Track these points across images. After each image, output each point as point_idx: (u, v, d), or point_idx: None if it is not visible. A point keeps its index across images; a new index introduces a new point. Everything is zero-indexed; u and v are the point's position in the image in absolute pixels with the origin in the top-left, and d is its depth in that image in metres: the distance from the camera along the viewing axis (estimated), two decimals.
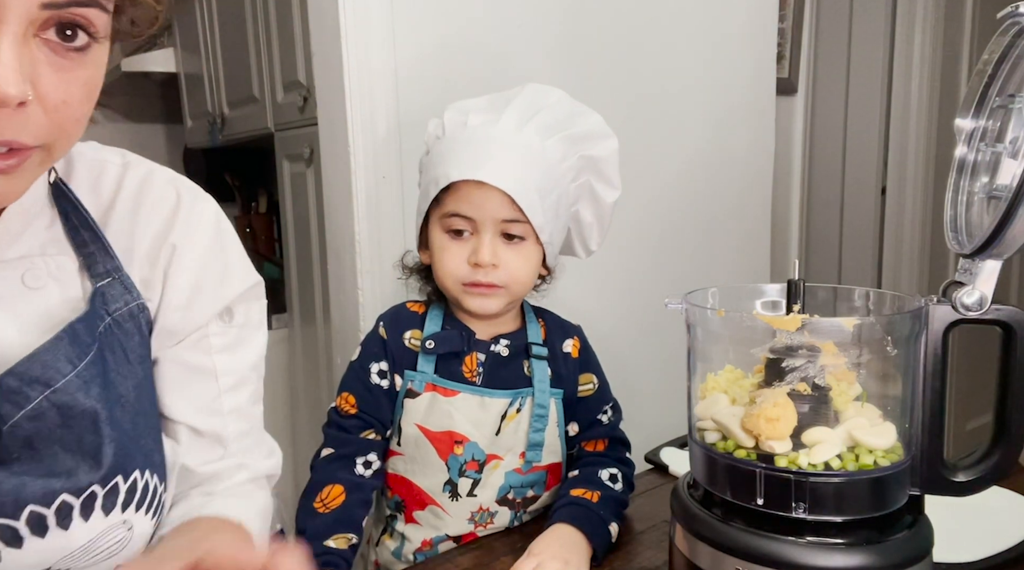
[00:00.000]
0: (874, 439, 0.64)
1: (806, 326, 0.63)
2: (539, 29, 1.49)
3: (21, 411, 0.57)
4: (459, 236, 0.93)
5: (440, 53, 1.37)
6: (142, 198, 0.68)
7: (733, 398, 0.70)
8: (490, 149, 0.93)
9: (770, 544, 0.63)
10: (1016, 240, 0.61)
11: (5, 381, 0.56)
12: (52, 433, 0.58)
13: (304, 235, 1.86)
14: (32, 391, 0.57)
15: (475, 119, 0.95)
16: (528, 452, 0.98)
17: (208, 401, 0.71)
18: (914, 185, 2.66)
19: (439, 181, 0.92)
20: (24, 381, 0.57)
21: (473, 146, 0.93)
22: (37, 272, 0.61)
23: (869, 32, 2.63)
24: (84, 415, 0.60)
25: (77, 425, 0.59)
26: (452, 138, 0.96)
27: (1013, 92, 0.64)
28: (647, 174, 1.68)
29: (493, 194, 0.90)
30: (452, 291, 0.95)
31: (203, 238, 0.70)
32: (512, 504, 0.99)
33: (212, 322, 0.71)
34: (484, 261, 0.92)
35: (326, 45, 1.32)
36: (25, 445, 0.57)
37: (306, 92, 1.73)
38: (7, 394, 0.56)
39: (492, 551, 0.94)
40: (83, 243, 0.64)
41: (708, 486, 0.69)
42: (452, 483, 0.96)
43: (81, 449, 0.59)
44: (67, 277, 0.63)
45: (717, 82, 1.80)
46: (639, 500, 1.05)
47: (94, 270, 0.64)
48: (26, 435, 0.57)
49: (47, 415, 0.58)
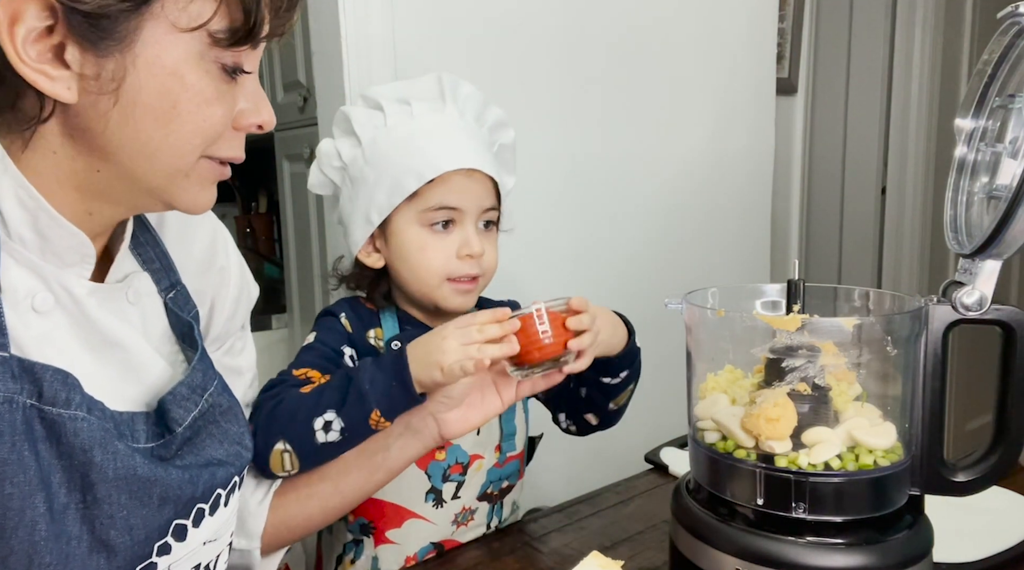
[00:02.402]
0: (874, 439, 0.64)
1: (806, 326, 0.63)
2: (539, 29, 1.49)
3: (191, 414, 0.66)
4: (444, 229, 0.90)
5: (440, 53, 1.37)
6: (189, 219, 0.74)
7: (733, 398, 0.70)
8: (459, 138, 0.90)
9: (770, 544, 0.63)
10: (1016, 240, 0.61)
11: (178, 391, 0.66)
12: (207, 428, 0.67)
13: (304, 235, 1.87)
14: (197, 395, 0.67)
15: (418, 108, 0.91)
16: (504, 443, 0.97)
17: (240, 396, 0.78)
18: (914, 185, 2.66)
19: (423, 173, 0.87)
20: (191, 388, 0.67)
21: (442, 135, 0.90)
22: (135, 289, 0.67)
23: (869, 32, 2.63)
24: (229, 410, 0.70)
25: (224, 419, 0.69)
26: (406, 129, 0.90)
27: (1013, 92, 0.64)
28: (647, 174, 1.68)
29: (478, 182, 0.90)
30: (430, 290, 0.91)
31: (235, 256, 0.79)
32: (490, 498, 0.98)
33: (237, 333, 0.81)
34: (477, 251, 0.90)
35: (326, 45, 1.32)
36: (187, 442, 0.66)
37: (306, 92, 1.73)
38: (180, 401, 0.65)
39: (492, 551, 0.94)
40: (150, 259, 0.70)
41: (708, 486, 0.69)
42: (436, 490, 0.94)
43: (229, 438, 0.69)
44: (150, 291, 0.70)
45: (717, 82, 1.80)
46: (639, 500, 1.05)
47: (161, 284, 0.71)
48: (189, 435, 0.66)
49: (207, 414, 0.67)
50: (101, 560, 0.57)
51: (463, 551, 0.95)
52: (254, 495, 0.84)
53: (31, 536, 0.53)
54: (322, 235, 1.70)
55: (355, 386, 0.79)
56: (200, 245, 0.75)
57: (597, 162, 1.59)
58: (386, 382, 0.79)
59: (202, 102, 0.57)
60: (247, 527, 0.83)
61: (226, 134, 0.61)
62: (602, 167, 1.60)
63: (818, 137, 2.61)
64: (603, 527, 0.98)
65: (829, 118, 2.69)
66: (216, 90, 0.58)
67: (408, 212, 0.90)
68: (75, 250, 0.59)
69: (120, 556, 0.58)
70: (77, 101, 0.54)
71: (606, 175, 1.60)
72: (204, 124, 0.58)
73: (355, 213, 0.93)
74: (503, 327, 0.78)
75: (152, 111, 0.56)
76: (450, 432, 0.86)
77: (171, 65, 0.55)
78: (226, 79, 0.59)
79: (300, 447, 0.80)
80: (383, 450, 0.85)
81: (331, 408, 0.79)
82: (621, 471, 1.15)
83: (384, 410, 0.79)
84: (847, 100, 2.71)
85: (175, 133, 0.57)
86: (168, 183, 0.60)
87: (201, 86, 0.57)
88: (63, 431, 0.55)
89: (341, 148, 0.93)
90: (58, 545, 0.54)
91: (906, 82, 2.60)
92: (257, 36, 0.58)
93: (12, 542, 0.52)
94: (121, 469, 0.57)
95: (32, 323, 0.57)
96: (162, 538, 0.62)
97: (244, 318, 0.82)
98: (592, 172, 1.57)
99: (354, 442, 0.82)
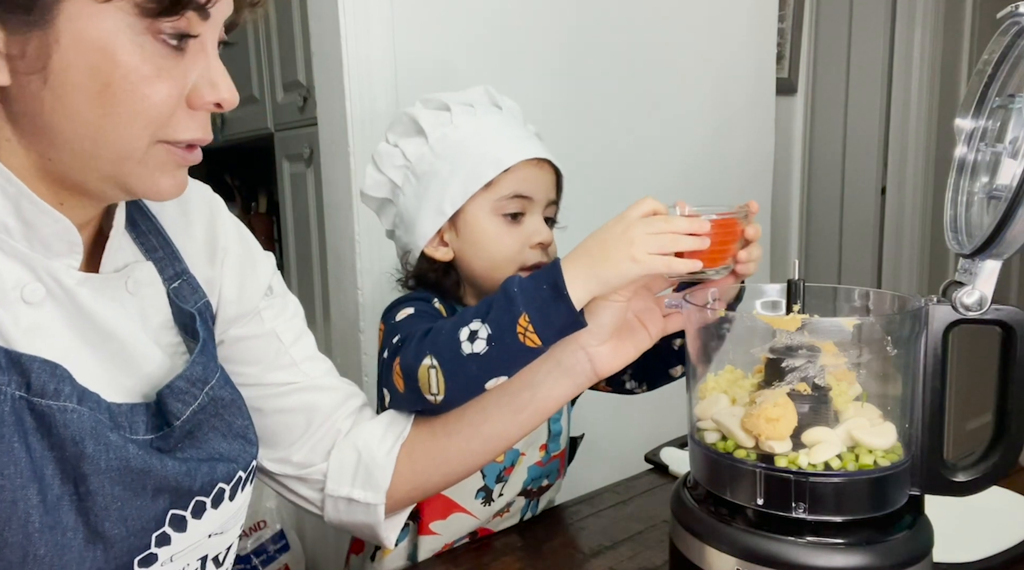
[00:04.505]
0: (874, 439, 0.63)
1: (806, 326, 0.63)
2: (539, 29, 1.49)
3: (189, 408, 0.64)
4: (515, 220, 0.92)
5: (440, 53, 1.37)
6: (186, 201, 0.72)
7: (733, 398, 0.70)
8: (523, 133, 0.95)
9: (770, 544, 0.63)
10: (1016, 240, 0.61)
11: (176, 384, 0.64)
12: (208, 422, 0.66)
13: (304, 235, 1.87)
14: (196, 389, 0.65)
15: (480, 109, 0.95)
16: (550, 443, 0.98)
17: (273, 356, 0.78)
18: (914, 185, 2.66)
19: (501, 160, 0.90)
20: (190, 382, 0.65)
21: (508, 130, 0.94)
22: (134, 279, 0.66)
23: (869, 32, 2.63)
24: (232, 403, 0.69)
25: (227, 412, 0.68)
26: (474, 124, 0.93)
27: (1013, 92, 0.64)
28: (647, 174, 1.68)
29: (546, 172, 0.93)
30: (503, 278, 0.86)
31: (234, 233, 0.76)
32: (529, 494, 1.00)
33: (260, 302, 0.78)
34: (547, 239, 0.93)
35: (326, 45, 1.32)
36: (187, 435, 0.65)
37: (306, 92, 1.73)
38: (178, 395, 0.64)
39: (492, 551, 0.94)
40: (153, 248, 0.69)
41: (708, 486, 0.69)
42: (487, 489, 0.96)
43: (232, 432, 0.68)
44: (152, 280, 0.68)
45: (717, 82, 1.80)
46: (639, 500, 1.05)
47: (165, 273, 0.69)
48: (190, 428, 0.65)
49: (207, 408, 0.66)
50: (97, 551, 0.57)
51: (463, 551, 0.95)
52: (381, 444, 0.81)
53: (25, 528, 0.53)
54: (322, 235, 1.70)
55: (503, 292, 0.75)
56: (200, 228, 0.73)
57: (597, 162, 1.59)
58: (536, 286, 0.73)
59: (138, 80, 0.53)
60: (374, 479, 0.80)
61: (179, 115, 0.56)
62: (602, 167, 1.60)
63: (818, 137, 2.61)
64: (603, 527, 0.98)
65: (829, 118, 2.69)
66: (156, 66, 0.54)
67: (482, 202, 0.92)
68: (61, 238, 0.58)
69: (116, 546, 0.58)
70: (9, 83, 0.52)
71: (606, 175, 1.60)
72: (144, 104, 0.54)
73: (423, 207, 0.94)
74: (692, 224, 0.70)
75: (83, 91, 0.53)
76: (605, 367, 0.78)
77: (97, 40, 0.51)
78: (169, 53, 0.54)
79: (445, 360, 0.75)
80: (529, 387, 0.78)
81: (477, 317, 0.75)
82: (621, 471, 1.15)
83: (533, 315, 0.72)
84: (847, 100, 2.71)
85: (113, 115, 0.54)
86: (119, 170, 0.57)
87: (135, 62, 0.53)
88: (53, 422, 0.55)
89: (405, 147, 0.95)
90: (53, 536, 0.54)
91: (906, 82, 2.60)
92: (186, 4, 0.53)
93: (6, 534, 0.52)
94: (114, 460, 0.57)
95: (21, 315, 0.56)
96: (159, 529, 0.61)
97: (260, 290, 0.78)
98: (592, 172, 1.57)
99: (501, 357, 0.74)
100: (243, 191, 2.70)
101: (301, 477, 0.82)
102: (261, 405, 0.78)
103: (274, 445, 0.80)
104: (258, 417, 0.76)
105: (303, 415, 0.80)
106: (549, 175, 0.95)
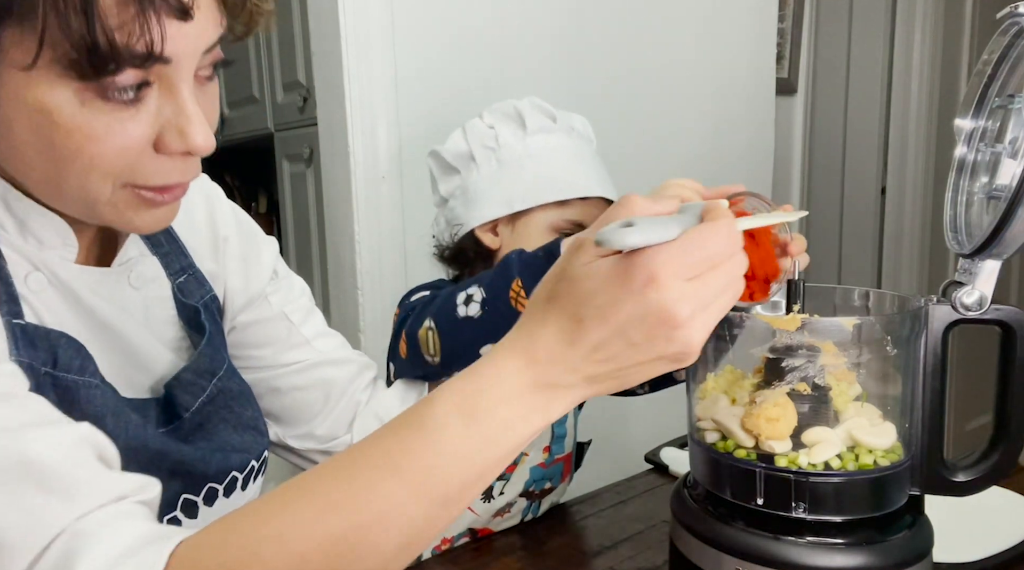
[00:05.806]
0: (874, 439, 0.63)
1: (806, 326, 0.63)
2: (539, 29, 1.49)
3: (198, 399, 0.66)
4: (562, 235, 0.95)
5: (440, 53, 1.37)
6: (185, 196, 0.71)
7: (733, 398, 0.70)
8: (604, 173, 1.00)
9: (770, 544, 0.63)
10: (1016, 240, 0.61)
11: (183, 376, 0.65)
12: (218, 414, 0.67)
13: (304, 235, 1.87)
14: (204, 381, 0.67)
15: (578, 134, 0.99)
16: (553, 445, 0.99)
17: (285, 337, 0.79)
18: (914, 185, 2.66)
19: (588, 188, 0.95)
20: (197, 373, 0.66)
21: (595, 163, 1.00)
22: (137, 274, 0.66)
23: (869, 32, 2.63)
24: (241, 394, 0.70)
25: (236, 404, 0.69)
26: (570, 143, 0.98)
27: (1013, 92, 0.64)
28: (647, 174, 1.68)
29: (601, 211, 0.94)
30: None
31: (232, 221, 0.76)
32: (531, 496, 1.01)
33: (267, 286, 0.79)
34: None
35: (326, 45, 1.32)
36: (198, 428, 0.66)
37: (306, 92, 1.73)
38: (186, 386, 0.65)
39: (492, 551, 0.94)
40: (158, 242, 0.69)
41: (708, 486, 0.69)
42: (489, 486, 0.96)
43: (243, 424, 0.69)
44: (156, 275, 0.68)
45: (717, 82, 1.80)
46: (639, 500, 1.05)
47: (171, 269, 0.69)
48: (200, 420, 0.66)
49: (216, 399, 0.67)
50: None
51: (463, 551, 0.95)
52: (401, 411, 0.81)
53: None
54: (322, 235, 1.70)
55: (503, 261, 0.78)
56: (202, 221, 0.74)
57: None
58: (533, 254, 0.75)
59: (83, 140, 0.50)
60: None
61: (145, 162, 0.53)
62: None
63: (818, 137, 2.61)
64: (603, 527, 0.98)
65: (829, 118, 2.69)
66: (104, 124, 0.50)
67: (549, 213, 0.96)
68: (54, 232, 0.58)
69: None
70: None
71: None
72: (95, 161, 0.51)
73: (492, 192, 0.96)
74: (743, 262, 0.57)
75: (33, 148, 0.51)
76: None
77: (35, 103, 0.49)
78: (121, 107, 0.50)
79: (442, 322, 0.79)
80: None
81: (475, 283, 0.79)
82: (621, 471, 1.15)
83: (526, 280, 0.74)
84: (847, 100, 2.71)
85: (65, 170, 0.51)
86: (90, 210, 0.55)
87: (77, 123, 0.49)
88: (76, 397, 0.55)
89: (500, 131, 0.97)
90: None
91: (906, 82, 2.60)
92: (120, 60, 0.47)
93: None
94: (132, 439, 0.57)
95: (30, 301, 0.57)
96: (171, 511, 0.62)
97: (265, 275, 0.78)
98: None
99: (494, 321, 0.75)
100: (243, 191, 2.70)
101: (327, 450, 0.83)
102: (278, 384, 0.79)
103: (295, 422, 0.81)
104: (276, 397, 0.78)
105: (320, 390, 0.81)
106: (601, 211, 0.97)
